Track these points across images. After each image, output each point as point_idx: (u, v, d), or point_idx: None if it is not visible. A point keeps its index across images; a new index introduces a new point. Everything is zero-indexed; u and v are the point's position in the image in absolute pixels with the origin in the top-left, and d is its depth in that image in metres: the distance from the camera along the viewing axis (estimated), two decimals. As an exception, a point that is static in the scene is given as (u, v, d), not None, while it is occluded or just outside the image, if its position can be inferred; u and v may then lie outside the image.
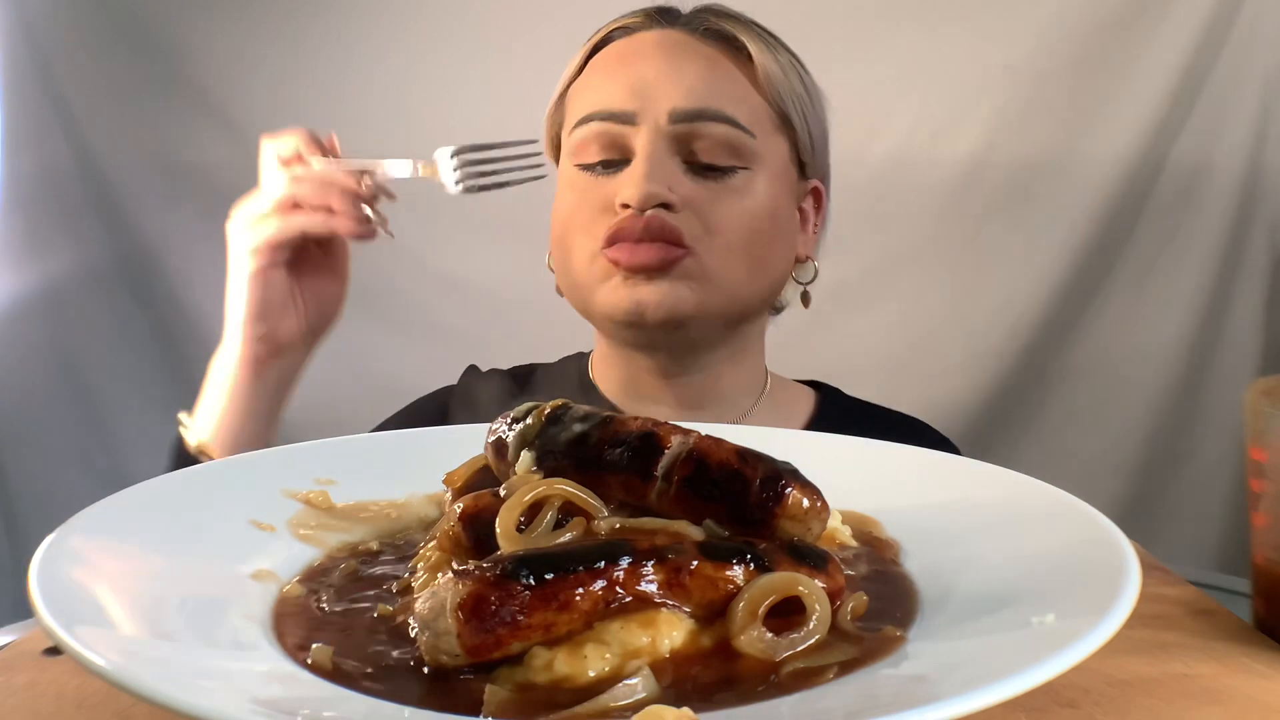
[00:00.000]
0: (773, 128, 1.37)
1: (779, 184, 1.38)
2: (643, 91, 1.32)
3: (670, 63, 1.33)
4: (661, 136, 1.31)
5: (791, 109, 1.38)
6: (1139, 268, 2.37)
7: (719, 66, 1.35)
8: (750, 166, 1.34)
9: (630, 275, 1.32)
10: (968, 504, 0.90)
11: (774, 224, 1.38)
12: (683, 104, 1.30)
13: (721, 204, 1.32)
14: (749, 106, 1.34)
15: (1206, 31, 2.26)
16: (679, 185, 1.31)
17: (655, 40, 1.37)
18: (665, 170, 1.30)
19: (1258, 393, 0.83)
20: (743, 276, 1.36)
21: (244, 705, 0.59)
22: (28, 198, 2.52)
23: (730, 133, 1.31)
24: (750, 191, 1.34)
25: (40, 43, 2.51)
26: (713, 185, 1.32)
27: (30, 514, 2.52)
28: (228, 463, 0.97)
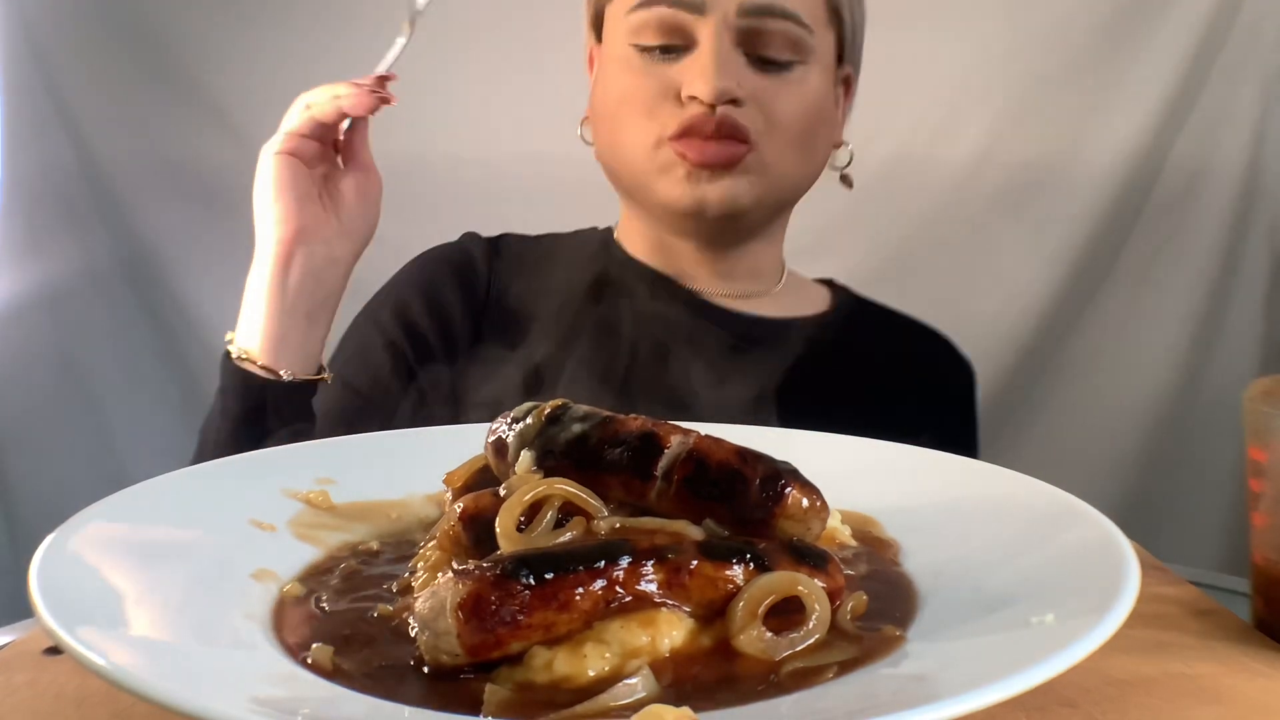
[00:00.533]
0: (825, 21, 1.41)
1: (828, 75, 1.44)
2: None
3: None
4: (729, 29, 1.33)
5: (843, 2, 1.43)
6: (1139, 268, 2.37)
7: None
8: (806, 61, 1.38)
9: (695, 169, 1.36)
10: (968, 504, 0.90)
11: (822, 114, 1.44)
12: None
13: (781, 98, 1.36)
14: (809, 4, 1.38)
15: (1206, 31, 2.26)
16: (744, 79, 1.34)
17: None
18: (732, 64, 1.33)
19: (1257, 393, 0.83)
20: (796, 166, 1.43)
21: (244, 705, 0.59)
22: (28, 198, 2.52)
23: (793, 29, 1.35)
24: (805, 84, 1.39)
25: (40, 42, 2.51)
26: (773, 78, 1.36)
27: (30, 514, 2.51)
28: (228, 462, 0.97)
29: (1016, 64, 2.35)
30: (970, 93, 2.37)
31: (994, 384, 2.43)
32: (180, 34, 2.52)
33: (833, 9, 1.42)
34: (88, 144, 2.54)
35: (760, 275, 1.53)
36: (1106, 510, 0.81)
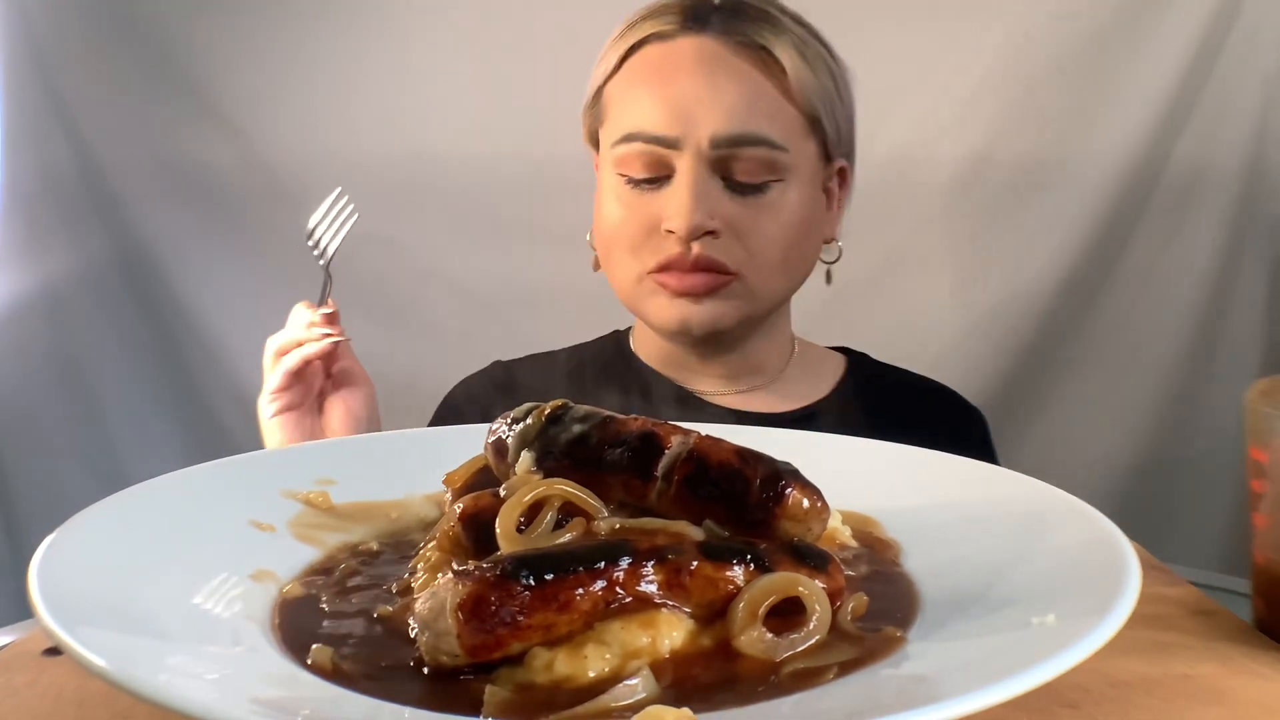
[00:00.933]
0: (804, 134, 1.41)
1: (811, 186, 1.44)
2: (684, 115, 1.35)
3: (709, 82, 1.36)
4: (703, 161, 1.35)
5: (822, 111, 1.42)
6: (1139, 268, 2.37)
7: (754, 83, 1.38)
8: (784, 179, 1.39)
9: (678, 295, 1.40)
10: (968, 504, 0.90)
11: (806, 227, 1.44)
12: (723, 129, 1.34)
13: (760, 221, 1.38)
14: (783, 121, 1.38)
15: (1206, 31, 2.26)
16: (721, 207, 1.37)
17: (692, 53, 1.39)
18: (708, 195, 1.36)
19: (1258, 393, 0.83)
20: (781, 283, 1.45)
21: (244, 705, 0.59)
22: (28, 198, 2.51)
23: (767, 153, 1.36)
24: (785, 203, 1.40)
25: (40, 43, 2.51)
26: (751, 201, 1.38)
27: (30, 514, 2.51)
28: (228, 463, 0.97)
29: (1017, 64, 2.35)
30: (970, 92, 2.37)
31: (994, 384, 2.43)
32: (180, 35, 2.52)
33: (811, 120, 1.42)
34: (87, 144, 2.54)
35: (763, 368, 1.54)
36: (1106, 510, 0.81)
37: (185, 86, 2.53)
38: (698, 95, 1.35)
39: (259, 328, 2.57)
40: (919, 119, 2.39)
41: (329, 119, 2.52)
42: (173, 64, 2.53)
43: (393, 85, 2.50)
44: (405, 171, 2.49)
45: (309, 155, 2.52)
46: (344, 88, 2.51)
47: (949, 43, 2.36)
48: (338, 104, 2.51)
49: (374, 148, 2.50)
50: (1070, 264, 2.39)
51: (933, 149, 2.39)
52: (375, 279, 2.54)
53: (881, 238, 2.43)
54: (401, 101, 2.50)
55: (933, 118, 2.39)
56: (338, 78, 2.51)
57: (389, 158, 2.50)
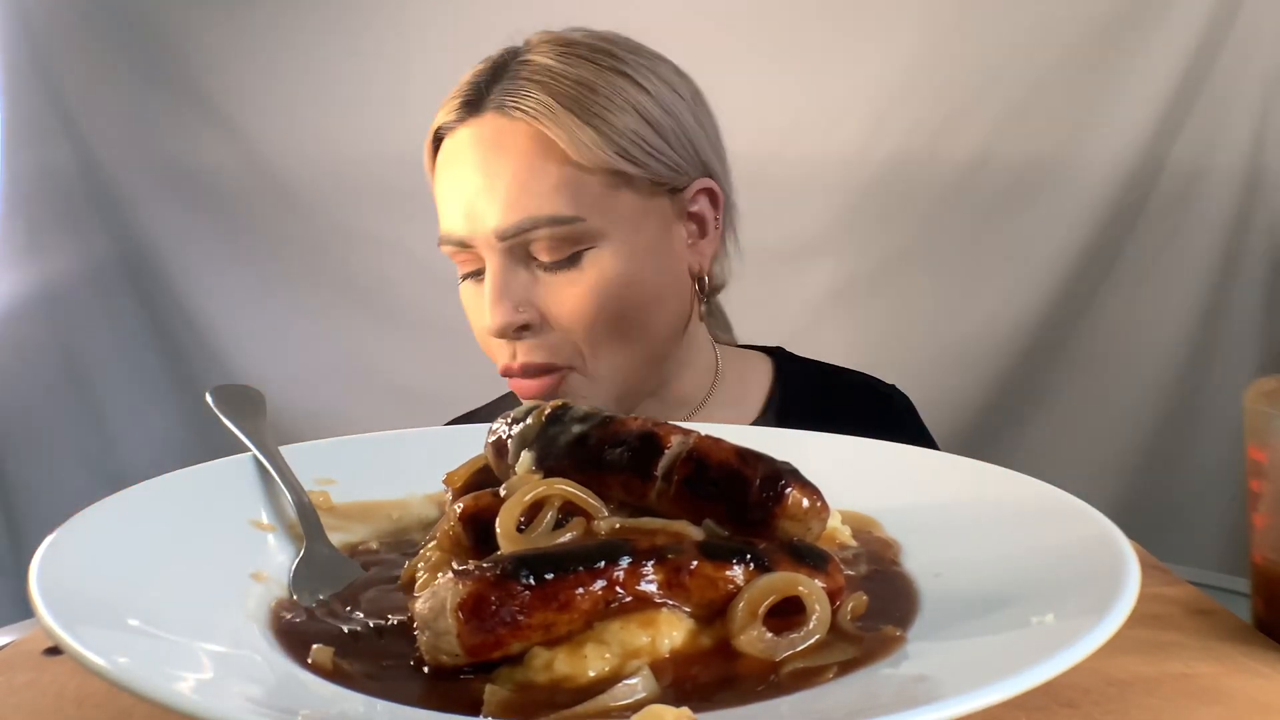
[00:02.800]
0: (608, 189, 1.31)
1: (636, 238, 1.34)
2: (470, 213, 1.31)
3: (484, 174, 1.30)
4: (498, 253, 1.30)
5: (623, 161, 1.31)
6: (1139, 268, 2.37)
7: (529, 163, 1.29)
8: (595, 244, 1.31)
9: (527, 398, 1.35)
10: (967, 504, 0.90)
11: (640, 285, 1.34)
12: (503, 222, 1.29)
13: (572, 296, 1.31)
14: (571, 191, 1.29)
15: (1206, 31, 2.26)
16: (531, 293, 1.31)
17: (470, 143, 1.33)
18: (514, 286, 1.31)
19: (1257, 393, 0.83)
20: (631, 359, 1.36)
21: (244, 705, 0.59)
22: (28, 198, 2.52)
23: (558, 231, 1.29)
24: (601, 268, 1.31)
25: (40, 43, 2.51)
26: (566, 276, 1.31)
27: (30, 514, 2.51)
28: (227, 463, 0.97)
29: (1017, 64, 2.35)
30: (970, 93, 2.37)
31: (993, 384, 2.43)
32: (180, 35, 2.52)
33: (612, 173, 1.31)
34: (88, 144, 2.54)
35: (688, 399, 1.47)
36: (1106, 510, 0.81)
37: (185, 86, 2.53)
38: (476, 188, 1.31)
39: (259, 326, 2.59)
40: (919, 120, 2.39)
41: (329, 119, 2.52)
42: (173, 64, 2.53)
43: (393, 85, 2.50)
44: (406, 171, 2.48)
45: (309, 155, 2.52)
46: (344, 88, 2.51)
47: (948, 43, 2.36)
48: (338, 104, 2.51)
49: (374, 148, 2.50)
50: (1070, 264, 2.39)
51: (933, 149, 2.39)
52: (375, 279, 2.54)
53: (881, 238, 2.43)
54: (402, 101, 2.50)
55: (933, 117, 2.38)
56: (338, 78, 2.51)
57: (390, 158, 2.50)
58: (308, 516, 0.89)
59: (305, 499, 0.91)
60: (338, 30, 2.51)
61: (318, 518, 0.90)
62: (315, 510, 0.91)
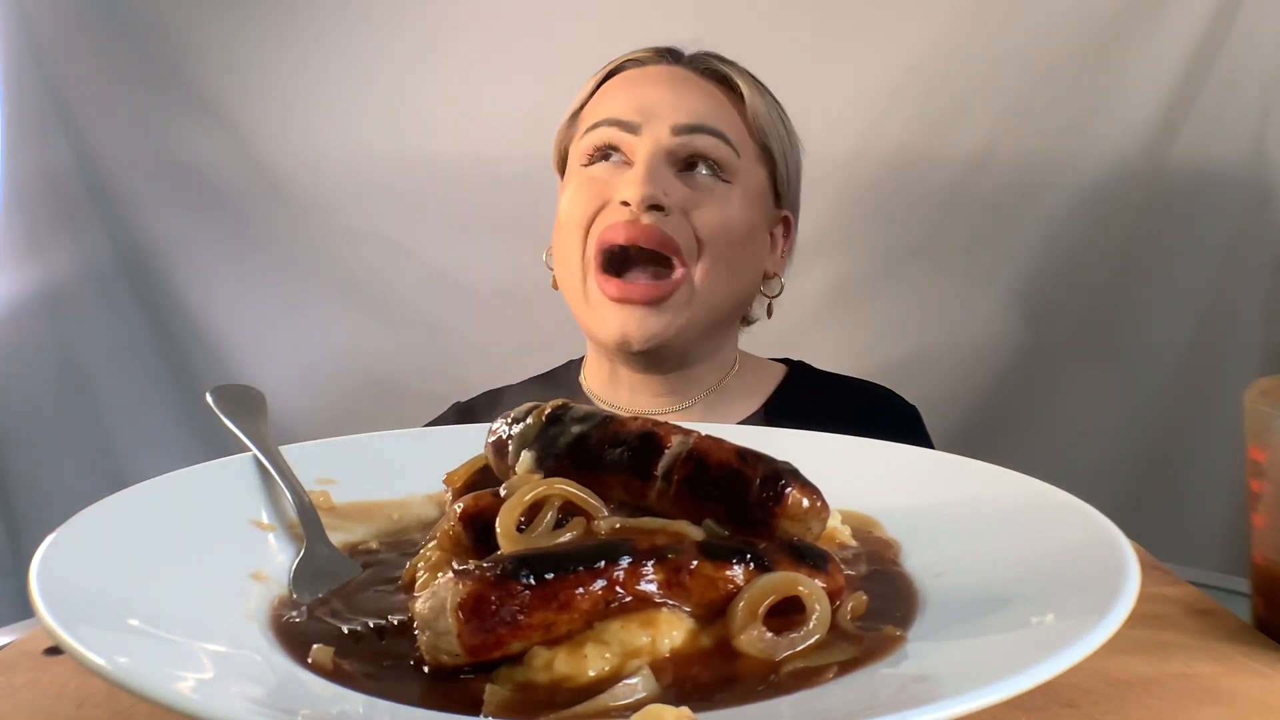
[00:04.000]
0: (755, 156, 1.56)
1: (756, 203, 1.56)
2: (648, 109, 1.50)
3: (673, 88, 1.53)
4: (661, 147, 1.48)
5: (773, 143, 1.58)
6: (1139, 267, 2.37)
7: (715, 97, 1.55)
8: (732, 181, 1.52)
9: (618, 304, 1.47)
10: (967, 504, 0.90)
11: (750, 236, 1.54)
12: (683, 119, 1.49)
13: (707, 208, 1.48)
14: (738, 131, 1.54)
15: (1206, 31, 2.26)
16: (672, 189, 1.47)
17: (662, 72, 1.56)
18: (662, 175, 1.47)
19: (1257, 393, 0.83)
20: (725, 286, 1.52)
21: (244, 705, 0.59)
22: (28, 198, 2.51)
23: (721, 147, 1.50)
24: (730, 202, 1.51)
25: (40, 42, 2.51)
26: (701, 191, 1.49)
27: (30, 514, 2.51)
28: (227, 462, 0.97)
29: (1017, 63, 2.34)
30: (970, 92, 2.37)
31: (993, 384, 2.43)
32: (180, 34, 2.52)
33: (762, 145, 1.57)
34: (88, 144, 2.54)
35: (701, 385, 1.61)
36: (1106, 510, 0.81)
37: (185, 86, 2.52)
38: (662, 97, 1.52)
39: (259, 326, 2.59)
40: (919, 119, 2.39)
41: (329, 119, 2.52)
42: (173, 64, 2.52)
43: (393, 85, 2.50)
44: (406, 171, 2.49)
45: (309, 156, 2.52)
46: (344, 88, 2.51)
47: (949, 43, 2.36)
48: (338, 104, 2.51)
49: (374, 148, 2.50)
50: (1070, 264, 2.39)
51: (933, 149, 2.39)
52: (375, 279, 2.54)
53: (881, 238, 2.43)
54: (402, 101, 2.50)
55: (933, 117, 2.38)
56: (338, 78, 2.51)
57: (389, 158, 2.50)
58: (308, 516, 0.89)
59: (305, 499, 0.91)
60: (338, 30, 2.51)
61: (318, 518, 0.90)
62: (315, 510, 0.91)
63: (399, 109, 2.51)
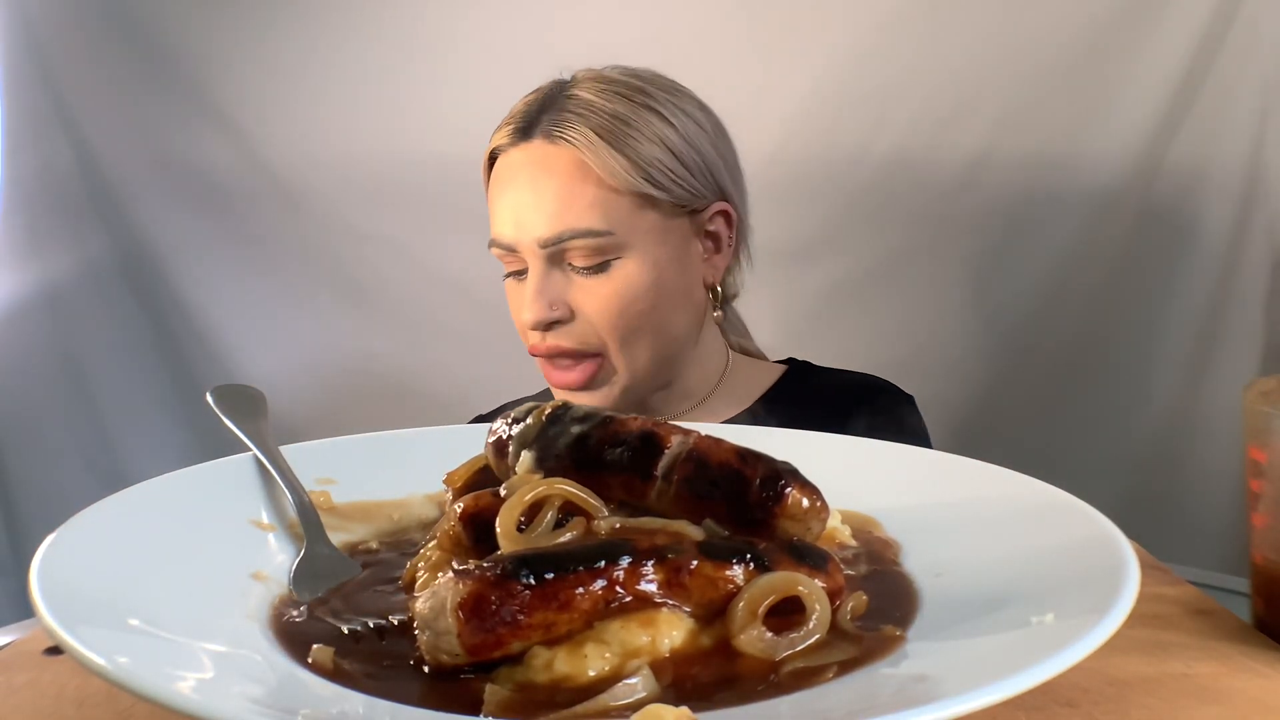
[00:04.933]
0: (636, 209, 1.50)
1: (659, 251, 1.52)
2: (517, 223, 1.50)
3: (532, 189, 1.50)
4: (539, 258, 1.49)
5: (650, 185, 1.49)
6: (1139, 267, 2.37)
7: (570, 182, 1.49)
8: (620, 254, 1.49)
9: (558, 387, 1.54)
10: (967, 504, 0.90)
11: (660, 292, 1.52)
12: (545, 233, 1.48)
13: (603, 299, 1.49)
14: (603, 209, 1.48)
15: (1206, 31, 2.25)
16: (565, 293, 1.50)
17: (520, 163, 1.53)
18: (551, 287, 1.50)
19: (1256, 393, 0.83)
20: (649, 353, 1.54)
21: (244, 705, 0.59)
22: (28, 198, 2.51)
23: (592, 242, 1.48)
24: (624, 277, 1.50)
25: (40, 43, 2.51)
26: (597, 280, 1.49)
27: (30, 514, 2.51)
28: (227, 462, 0.97)
29: (1016, 64, 2.34)
30: (970, 92, 2.37)
31: (994, 384, 2.43)
32: (180, 34, 2.52)
33: (639, 196, 1.50)
34: (88, 144, 2.54)
35: (693, 392, 1.63)
36: (1106, 510, 0.81)
37: (185, 86, 2.52)
38: (524, 203, 1.50)
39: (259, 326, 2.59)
40: (919, 119, 2.39)
41: (329, 119, 2.52)
42: (173, 64, 2.52)
43: (393, 85, 2.50)
44: (405, 171, 2.49)
45: (309, 155, 2.52)
46: (344, 88, 2.51)
47: (948, 43, 2.36)
48: (338, 104, 2.51)
49: (375, 147, 2.50)
50: (1070, 263, 2.39)
51: (933, 149, 2.39)
52: (376, 279, 2.54)
53: (881, 238, 2.43)
54: (402, 101, 2.50)
55: (933, 118, 2.38)
56: (338, 78, 2.51)
57: (390, 158, 2.50)
58: (308, 516, 0.89)
59: (306, 499, 0.91)
60: (338, 30, 2.51)
61: (318, 517, 0.90)
62: (316, 510, 0.91)
63: (399, 109, 2.51)
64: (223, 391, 1.06)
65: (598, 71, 1.58)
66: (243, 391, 1.08)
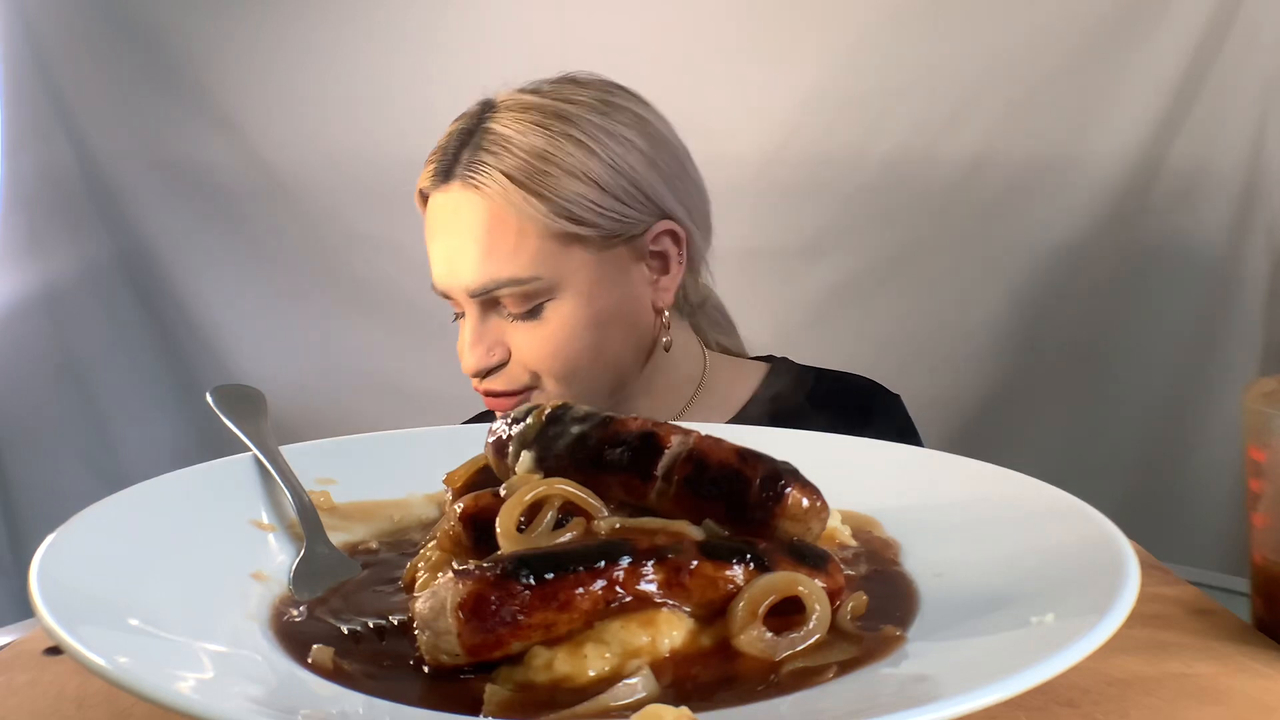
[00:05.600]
0: (561, 249, 1.44)
1: (594, 288, 1.46)
2: (449, 270, 1.47)
3: (456, 238, 1.46)
4: (472, 305, 1.47)
5: (572, 224, 1.43)
6: (1139, 267, 2.37)
7: (489, 230, 1.43)
8: (554, 296, 1.45)
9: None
10: (967, 504, 0.90)
11: (599, 327, 1.47)
12: (473, 282, 1.44)
13: (538, 342, 1.46)
14: (528, 255, 1.42)
15: (1206, 31, 2.26)
16: (504, 337, 1.47)
17: (444, 209, 1.48)
18: (488, 332, 1.47)
19: (1256, 393, 0.83)
20: (590, 384, 1.49)
21: (244, 705, 0.59)
22: (28, 197, 2.51)
23: (519, 290, 1.43)
24: (562, 318, 1.45)
25: (40, 42, 2.51)
26: (531, 324, 1.46)
27: (30, 514, 2.51)
28: (227, 462, 0.97)
29: (1016, 64, 2.34)
30: (970, 92, 2.37)
31: (994, 384, 2.43)
32: (181, 34, 2.52)
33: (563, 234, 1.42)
34: (88, 144, 2.54)
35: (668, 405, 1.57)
36: (1106, 510, 0.81)
37: (185, 86, 2.53)
38: (453, 249, 1.46)
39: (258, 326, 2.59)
40: (919, 119, 2.39)
41: (329, 119, 2.52)
42: (173, 64, 2.52)
43: (393, 85, 2.50)
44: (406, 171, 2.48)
45: (309, 155, 2.52)
46: (344, 88, 2.51)
47: (948, 43, 2.36)
48: (338, 104, 2.51)
49: (375, 148, 2.50)
50: (1070, 263, 2.39)
51: (933, 149, 2.39)
52: (375, 279, 2.54)
53: (881, 238, 2.43)
54: (402, 101, 2.50)
55: (933, 118, 2.38)
56: (338, 78, 2.51)
57: (389, 157, 2.49)
58: (308, 516, 0.89)
59: (306, 499, 0.91)
60: (339, 30, 2.51)
61: (318, 518, 0.90)
62: (316, 510, 0.91)
63: (399, 109, 2.51)
64: (223, 391, 1.06)
65: (519, 96, 1.51)
66: (243, 391, 1.08)
